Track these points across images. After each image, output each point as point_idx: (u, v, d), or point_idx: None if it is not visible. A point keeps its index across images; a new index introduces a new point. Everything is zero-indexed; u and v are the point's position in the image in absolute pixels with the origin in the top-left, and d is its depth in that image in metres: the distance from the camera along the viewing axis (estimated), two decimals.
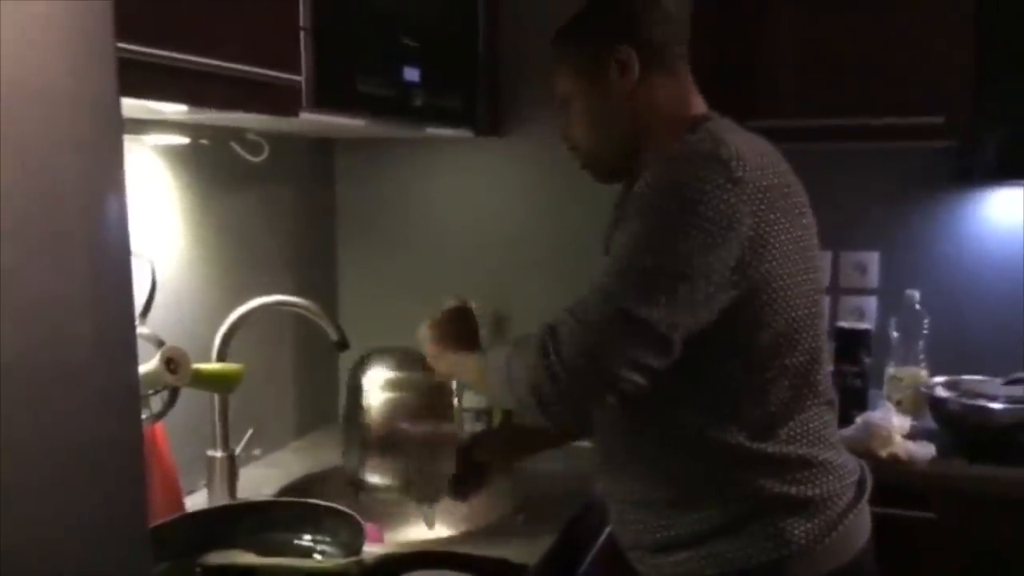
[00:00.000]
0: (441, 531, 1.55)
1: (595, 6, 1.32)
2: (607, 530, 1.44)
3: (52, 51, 0.61)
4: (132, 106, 1.07)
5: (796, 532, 1.18)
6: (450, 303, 1.42)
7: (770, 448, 1.19)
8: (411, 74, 1.50)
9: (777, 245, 1.15)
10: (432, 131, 1.72)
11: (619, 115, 1.28)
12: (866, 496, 1.27)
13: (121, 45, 0.68)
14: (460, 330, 1.38)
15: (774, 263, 1.15)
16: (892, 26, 2.01)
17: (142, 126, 1.41)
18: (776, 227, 1.15)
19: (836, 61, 2.03)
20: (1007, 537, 1.79)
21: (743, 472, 1.19)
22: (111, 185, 0.67)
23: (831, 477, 1.23)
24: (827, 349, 1.28)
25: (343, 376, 1.42)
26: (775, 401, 1.19)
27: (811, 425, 1.22)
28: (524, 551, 1.36)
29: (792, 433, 1.20)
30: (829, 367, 1.27)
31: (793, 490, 1.19)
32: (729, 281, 1.12)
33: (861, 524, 1.26)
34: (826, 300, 1.35)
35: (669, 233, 1.11)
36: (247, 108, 1.18)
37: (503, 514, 1.56)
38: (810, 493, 1.20)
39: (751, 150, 1.17)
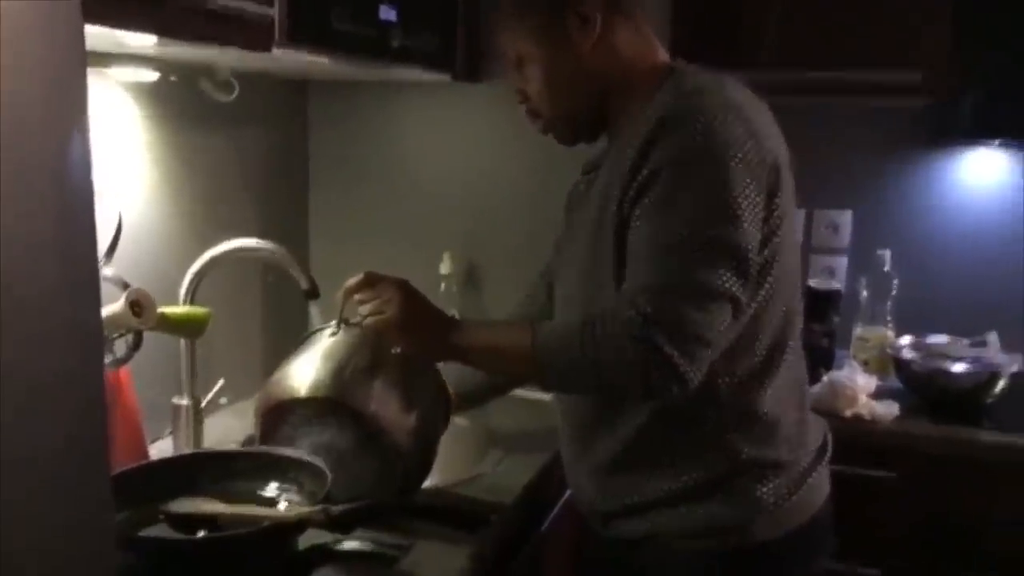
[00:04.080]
0: None
1: None
2: (568, 493, 1.44)
3: None
4: (97, 36, 1.02)
5: (765, 492, 1.19)
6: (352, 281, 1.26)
7: (753, 404, 1.18)
8: (388, 13, 1.45)
9: (786, 190, 1.15)
10: (408, 73, 1.67)
11: (583, 71, 1.21)
12: (827, 455, 1.29)
13: None
14: (417, 304, 1.23)
15: (784, 206, 1.15)
16: None
17: (108, 59, 1.35)
18: (784, 172, 1.15)
19: (818, 15, 2.01)
20: (966, 497, 1.83)
21: (725, 431, 1.18)
22: (73, 117, 0.64)
23: (801, 439, 1.23)
24: (801, 306, 1.27)
25: (315, 325, 1.39)
26: (761, 352, 1.18)
27: (787, 381, 1.22)
28: (495, 496, 1.38)
29: (772, 389, 1.19)
30: (801, 324, 1.26)
31: (770, 452, 1.19)
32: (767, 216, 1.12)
33: (822, 483, 1.27)
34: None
35: (714, 199, 1.07)
36: (218, 41, 1.13)
37: (475, 462, 1.56)
38: (786, 457, 1.20)
39: (746, 95, 1.15)
